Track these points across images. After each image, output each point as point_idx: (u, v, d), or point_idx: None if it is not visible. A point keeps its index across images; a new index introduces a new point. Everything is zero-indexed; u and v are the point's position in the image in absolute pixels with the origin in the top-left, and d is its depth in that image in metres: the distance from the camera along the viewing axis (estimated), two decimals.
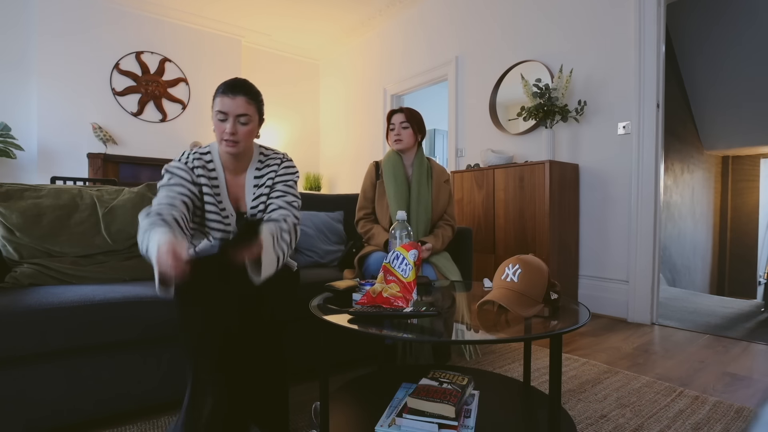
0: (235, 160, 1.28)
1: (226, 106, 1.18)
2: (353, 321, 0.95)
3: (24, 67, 4.05)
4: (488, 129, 3.56)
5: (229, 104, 1.18)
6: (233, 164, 1.29)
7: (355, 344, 1.73)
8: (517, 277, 1.07)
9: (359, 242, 1.89)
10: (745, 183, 6.15)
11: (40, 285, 1.38)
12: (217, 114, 1.20)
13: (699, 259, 5.60)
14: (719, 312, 3.03)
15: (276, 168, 1.33)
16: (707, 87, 4.93)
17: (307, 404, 1.41)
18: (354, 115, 5.33)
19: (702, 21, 4.43)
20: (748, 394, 1.54)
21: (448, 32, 3.95)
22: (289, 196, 1.30)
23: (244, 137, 1.21)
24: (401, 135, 1.85)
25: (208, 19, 4.89)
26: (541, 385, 1.60)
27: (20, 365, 1.13)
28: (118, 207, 1.62)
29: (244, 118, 1.20)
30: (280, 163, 1.34)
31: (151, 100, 4.59)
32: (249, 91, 1.21)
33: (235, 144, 1.20)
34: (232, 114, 1.18)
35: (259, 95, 1.26)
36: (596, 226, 2.83)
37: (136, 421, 1.31)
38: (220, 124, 1.20)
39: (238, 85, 1.20)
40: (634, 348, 2.09)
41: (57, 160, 4.11)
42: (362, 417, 1.12)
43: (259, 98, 1.26)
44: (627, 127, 2.65)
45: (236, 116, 1.19)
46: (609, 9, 2.75)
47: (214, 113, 1.21)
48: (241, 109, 1.19)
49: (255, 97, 1.23)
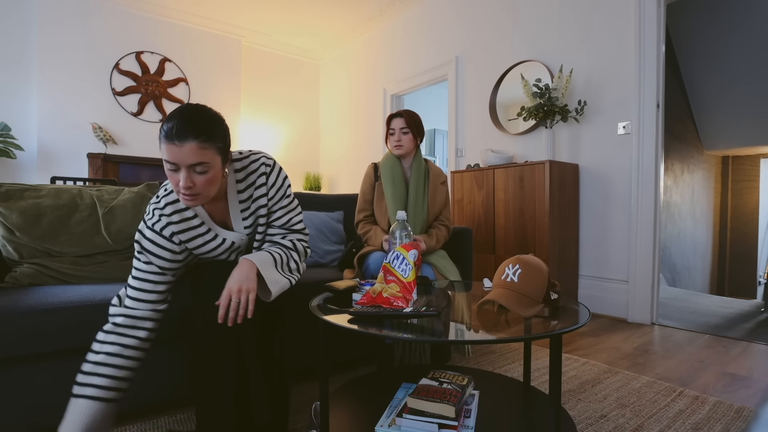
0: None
1: (173, 156, 0.91)
2: (353, 321, 0.95)
3: (24, 67, 4.05)
4: (488, 129, 3.56)
5: (177, 153, 0.91)
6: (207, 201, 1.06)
7: (355, 344, 1.73)
8: (517, 277, 1.07)
9: (359, 242, 1.90)
10: (745, 183, 6.15)
11: (40, 285, 1.38)
12: (165, 162, 0.94)
13: (699, 259, 5.60)
14: (719, 312, 3.03)
15: (264, 190, 1.13)
16: (707, 87, 4.93)
17: (307, 404, 1.41)
18: (354, 115, 5.33)
19: (702, 21, 4.43)
20: (748, 394, 1.54)
21: (448, 32, 3.95)
22: (293, 218, 1.19)
23: (204, 187, 0.97)
24: (401, 141, 1.85)
25: (208, 19, 4.89)
26: (541, 385, 1.60)
27: (20, 365, 1.13)
28: (118, 207, 1.62)
29: (200, 167, 0.94)
30: (266, 180, 1.13)
31: (151, 100, 4.59)
32: (201, 131, 0.92)
33: (195, 197, 0.97)
34: (183, 165, 0.92)
35: (215, 130, 0.95)
36: (596, 226, 2.83)
37: (136, 421, 1.31)
38: (172, 174, 0.95)
39: (186, 128, 0.90)
40: (634, 348, 2.09)
41: (57, 160, 4.11)
42: (362, 417, 1.12)
43: (217, 134, 0.95)
44: (627, 127, 2.65)
45: (188, 166, 0.93)
46: (609, 9, 2.75)
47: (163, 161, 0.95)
48: (193, 157, 0.92)
49: (210, 137, 0.93)
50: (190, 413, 1.37)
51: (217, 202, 1.12)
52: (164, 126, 0.92)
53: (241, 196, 1.13)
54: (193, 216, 1.09)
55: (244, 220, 1.15)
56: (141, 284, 1.06)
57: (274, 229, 1.19)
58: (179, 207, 1.08)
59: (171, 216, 1.06)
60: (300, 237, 1.22)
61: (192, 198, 0.97)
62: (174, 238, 1.07)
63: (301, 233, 1.23)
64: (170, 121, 0.91)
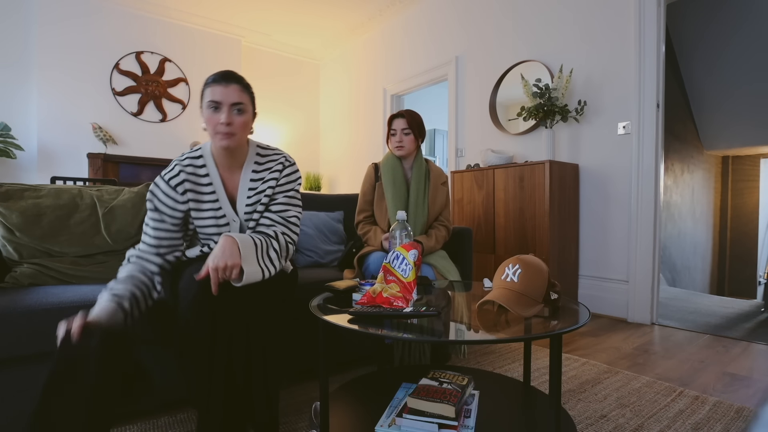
0: (230, 156, 1.19)
1: (219, 95, 1.10)
2: (353, 321, 0.95)
3: (24, 67, 4.06)
4: (488, 129, 3.56)
5: (223, 92, 1.10)
6: (228, 161, 1.20)
7: (355, 344, 1.73)
8: (517, 277, 1.07)
9: (359, 242, 1.89)
10: (745, 183, 6.15)
11: (40, 285, 1.38)
12: (209, 104, 1.11)
13: (699, 259, 5.60)
14: (719, 312, 3.03)
15: (277, 175, 1.23)
16: (707, 87, 4.93)
17: (307, 404, 1.41)
18: (354, 115, 5.33)
19: (702, 21, 4.43)
20: (748, 394, 1.54)
21: (448, 32, 3.95)
22: (290, 211, 1.23)
23: (240, 128, 1.13)
24: (403, 141, 1.84)
25: (208, 19, 4.89)
26: (541, 385, 1.60)
27: (20, 365, 1.13)
28: (118, 207, 1.62)
29: (239, 106, 1.12)
30: (282, 169, 1.24)
31: (151, 100, 4.59)
32: (242, 80, 1.15)
33: (231, 135, 1.12)
34: (226, 102, 1.10)
35: (251, 87, 1.19)
36: (596, 226, 2.83)
37: (137, 421, 1.31)
38: (213, 115, 1.11)
39: (230, 74, 1.13)
40: (634, 348, 2.09)
41: (57, 160, 4.11)
42: (362, 417, 1.12)
43: (251, 90, 1.19)
44: (627, 127, 2.65)
45: (231, 105, 1.11)
46: (609, 9, 2.75)
47: (204, 106, 1.12)
48: (235, 97, 1.11)
49: (248, 87, 1.17)
50: (189, 413, 1.37)
51: (234, 171, 1.22)
52: (210, 77, 1.13)
53: (255, 176, 1.23)
54: (205, 174, 1.19)
55: (248, 198, 1.22)
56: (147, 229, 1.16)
57: (270, 214, 1.22)
58: (198, 164, 1.19)
59: (186, 167, 1.17)
60: (288, 231, 1.21)
61: (229, 136, 1.11)
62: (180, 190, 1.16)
63: (291, 228, 1.22)
64: (216, 73, 1.12)
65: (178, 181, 1.15)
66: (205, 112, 1.13)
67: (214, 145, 1.16)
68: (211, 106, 1.11)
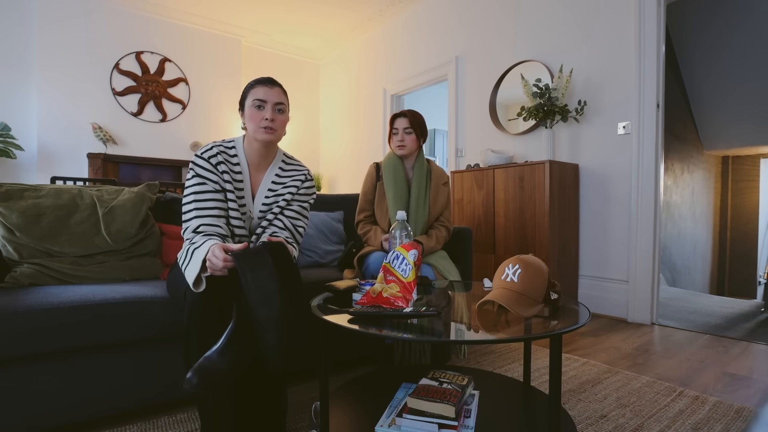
0: (263, 154, 1.30)
1: (264, 95, 1.24)
2: (353, 321, 0.95)
3: (24, 66, 4.06)
4: (488, 129, 3.56)
5: (268, 93, 1.24)
6: (258, 159, 1.31)
7: (355, 344, 1.73)
8: (517, 277, 1.07)
9: (359, 242, 1.89)
10: (745, 183, 6.15)
11: (40, 285, 1.38)
12: (254, 102, 1.24)
13: (699, 259, 5.60)
14: (719, 312, 3.03)
15: (299, 184, 1.35)
16: (707, 87, 4.93)
17: (307, 404, 1.41)
18: (354, 115, 5.33)
19: (702, 21, 4.43)
20: (748, 394, 1.54)
21: (448, 32, 3.95)
22: (300, 221, 1.35)
23: (280, 125, 1.27)
24: (405, 141, 1.84)
25: (208, 19, 4.89)
26: (541, 385, 1.60)
27: (20, 365, 1.13)
28: (118, 207, 1.62)
29: (280, 106, 1.26)
30: (304, 180, 1.37)
31: (151, 100, 4.59)
32: (281, 86, 1.30)
33: (273, 131, 1.25)
34: (270, 101, 1.24)
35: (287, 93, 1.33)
36: (596, 226, 2.83)
37: (136, 421, 1.31)
38: (257, 112, 1.24)
39: (273, 79, 1.28)
40: (634, 348, 2.09)
41: (57, 160, 4.11)
42: (362, 417, 1.12)
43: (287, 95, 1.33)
44: (627, 127, 2.65)
45: (274, 104, 1.25)
46: (609, 9, 2.75)
47: (249, 103, 1.25)
48: (279, 97, 1.26)
49: (286, 93, 1.31)
50: (190, 413, 1.37)
51: (260, 170, 1.33)
52: (254, 80, 1.27)
53: (278, 179, 1.35)
54: (237, 163, 1.29)
55: (267, 198, 1.32)
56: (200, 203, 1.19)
57: (283, 218, 1.32)
58: (231, 153, 1.29)
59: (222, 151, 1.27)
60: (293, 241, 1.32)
61: (271, 131, 1.24)
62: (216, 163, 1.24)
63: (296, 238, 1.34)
64: (261, 77, 1.27)
65: (214, 155, 1.24)
66: (248, 111, 1.25)
67: (255, 139, 1.26)
68: (255, 104, 1.24)
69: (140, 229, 1.63)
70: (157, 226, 1.73)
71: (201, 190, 1.20)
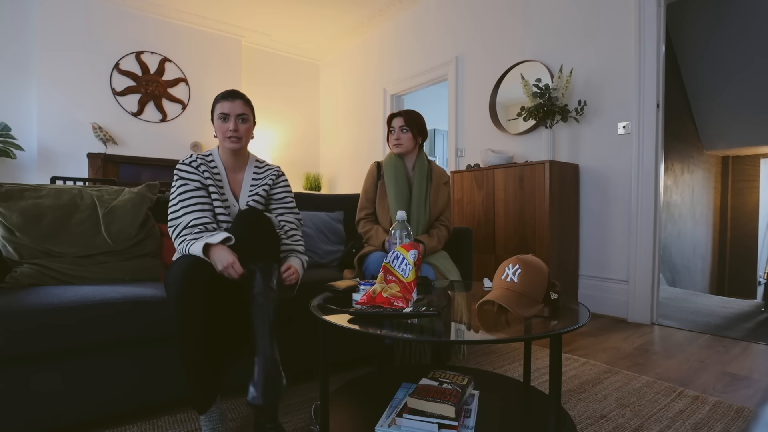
0: (235, 158, 1.46)
1: (227, 108, 1.38)
2: (353, 321, 0.95)
3: (24, 67, 4.05)
4: (488, 129, 3.56)
5: (230, 106, 1.38)
6: (233, 163, 1.46)
7: (355, 344, 1.73)
8: (517, 277, 1.07)
9: (359, 242, 1.89)
10: (745, 183, 6.14)
11: (40, 285, 1.38)
12: (219, 116, 1.39)
13: (699, 259, 5.60)
14: (719, 312, 3.03)
15: (274, 178, 1.52)
16: (707, 87, 4.93)
17: (307, 404, 1.41)
18: (354, 115, 5.33)
19: (702, 21, 4.43)
20: (748, 394, 1.54)
21: (448, 32, 3.95)
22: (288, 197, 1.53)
23: (244, 133, 1.41)
24: (401, 139, 1.85)
25: (208, 19, 4.89)
26: (541, 385, 1.60)
27: (20, 365, 1.13)
28: (118, 207, 1.62)
29: (243, 116, 1.40)
30: (277, 177, 1.53)
31: (151, 100, 4.59)
32: (244, 97, 1.43)
33: (238, 140, 1.40)
34: (233, 113, 1.38)
35: (251, 101, 1.46)
36: (596, 226, 2.83)
37: (136, 421, 1.31)
38: (222, 124, 1.39)
39: (235, 92, 1.42)
40: (634, 348, 2.09)
41: (57, 160, 4.11)
42: (362, 417, 1.12)
43: (251, 104, 1.46)
44: (627, 127, 2.65)
45: (237, 115, 1.39)
46: (609, 9, 2.75)
47: (215, 118, 1.40)
48: (240, 109, 1.40)
49: (249, 102, 1.44)
50: (190, 413, 1.37)
51: (237, 172, 1.48)
52: (219, 94, 1.41)
53: (255, 176, 1.51)
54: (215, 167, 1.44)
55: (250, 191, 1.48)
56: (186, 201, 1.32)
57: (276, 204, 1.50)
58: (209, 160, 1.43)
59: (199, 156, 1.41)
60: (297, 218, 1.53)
61: (237, 140, 1.39)
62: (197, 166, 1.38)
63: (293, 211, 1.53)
64: (224, 91, 1.41)
65: (194, 160, 1.39)
66: (216, 123, 1.40)
67: (223, 148, 1.43)
68: (221, 117, 1.39)
69: (140, 230, 1.63)
70: (157, 226, 1.73)
71: (186, 189, 1.33)
